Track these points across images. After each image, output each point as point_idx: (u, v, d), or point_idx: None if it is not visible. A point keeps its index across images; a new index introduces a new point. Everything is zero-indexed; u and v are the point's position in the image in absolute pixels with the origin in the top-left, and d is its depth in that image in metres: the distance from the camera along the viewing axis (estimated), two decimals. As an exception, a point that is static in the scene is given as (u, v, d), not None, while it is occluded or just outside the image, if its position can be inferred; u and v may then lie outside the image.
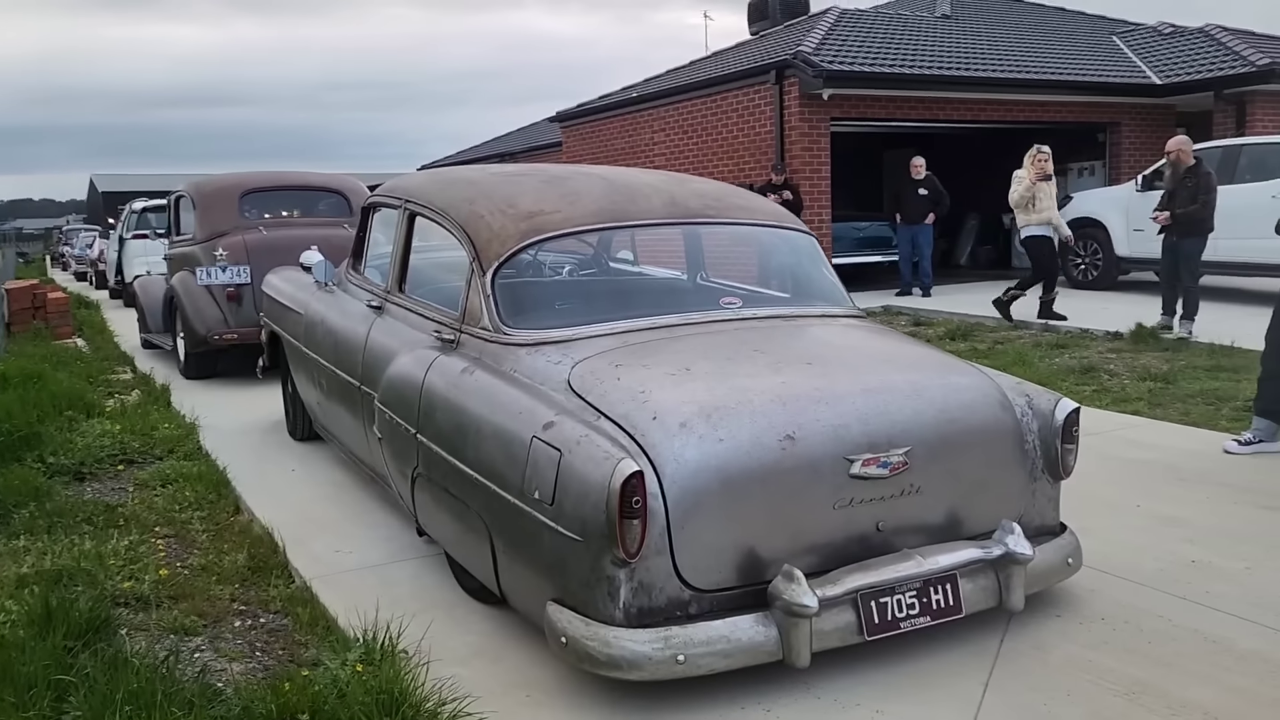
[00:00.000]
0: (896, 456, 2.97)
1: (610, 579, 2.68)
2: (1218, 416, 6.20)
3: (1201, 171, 8.89)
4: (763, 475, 2.81)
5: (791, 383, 3.03)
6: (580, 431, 2.80)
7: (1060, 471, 3.39)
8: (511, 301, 3.55)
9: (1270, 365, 5.22)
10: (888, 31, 14.96)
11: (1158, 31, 17.18)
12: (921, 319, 11.00)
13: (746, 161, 13.40)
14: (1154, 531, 4.09)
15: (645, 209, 3.84)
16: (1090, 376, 7.55)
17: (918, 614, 2.93)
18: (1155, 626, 3.19)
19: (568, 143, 17.72)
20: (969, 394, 3.26)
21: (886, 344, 3.57)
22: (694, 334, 3.42)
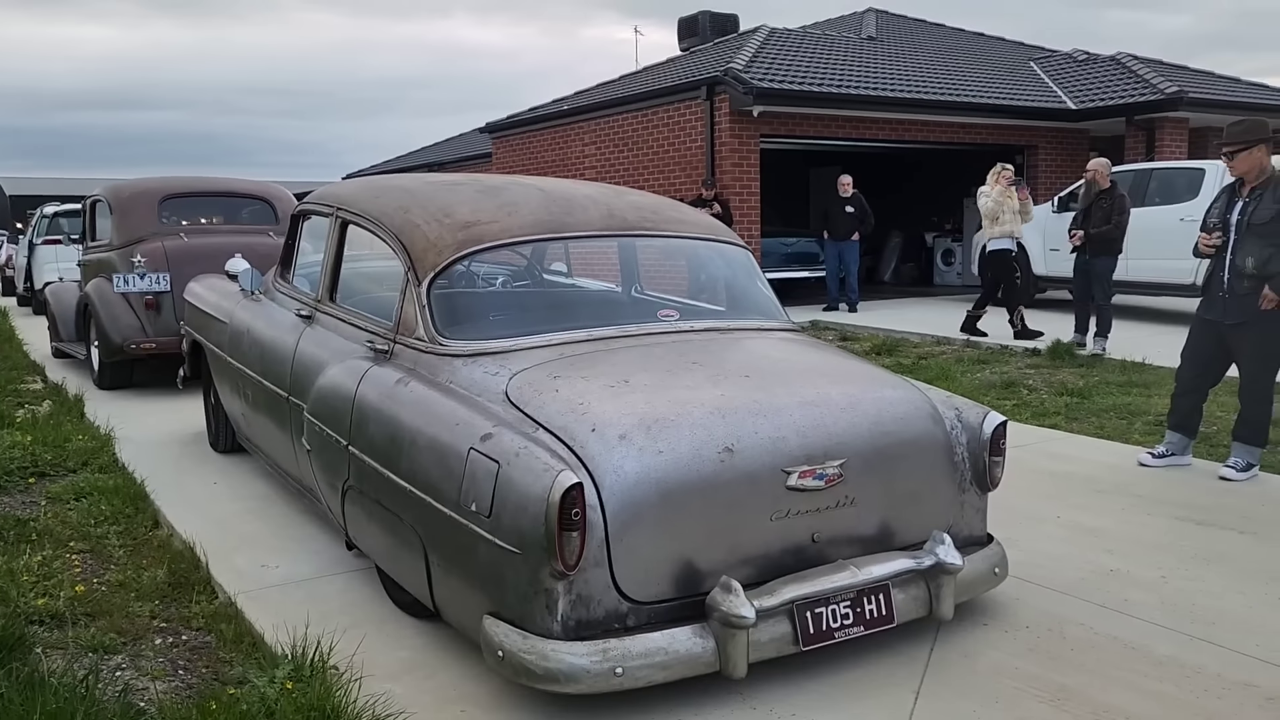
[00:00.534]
0: (832, 468, 3.01)
1: (548, 591, 2.67)
2: (1131, 430, 6.43)
3: (1116, 194, 9.24)
4: (701, 487, 2.82)
5: (730, 395, 3.05)
6: (519, 443, 2.78)
7: (988, 483, 3.47)
8: (448, 312, 3.51)
9: (1184, 382, 5.43)
10: (815, 51, 15.23)
11: (1073, 58, 17.81)
12: (848, 334, 11.19)
13: (677, 176, 13.50)
14: (1074, 542, 4.21)
15: (583, 221, 3.84)
16: (1011, 391, 7.77)
17: (852, 624, 2.97)
18: (1077, 634, 3.29)
19: (498, 154, 17.63)
20: (902, 407, 3.32)
21: (821, 357, 3.62)
22: (632, 346, 3.42)
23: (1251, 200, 5.07)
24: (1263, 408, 5.21)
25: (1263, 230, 5.01)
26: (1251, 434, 5.22)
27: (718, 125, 12.69)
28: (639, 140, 14.16)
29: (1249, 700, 2.86)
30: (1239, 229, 5.09)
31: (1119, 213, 9.12)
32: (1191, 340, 5.38)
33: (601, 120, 14.82)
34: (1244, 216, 5.08)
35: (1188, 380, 5.39)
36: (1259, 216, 5.03)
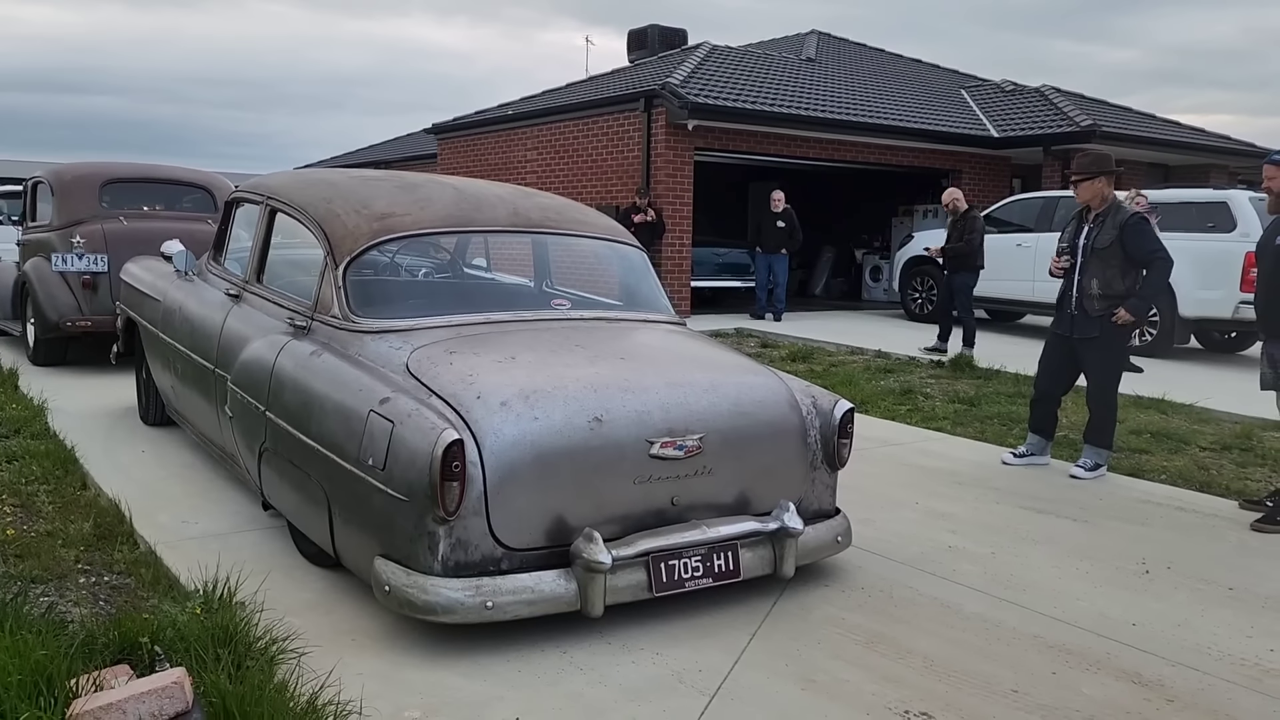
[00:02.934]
0: (691, 441, 3.45)
1: (431, 534, 3.07)
2: (1008, 435, 6.99)
3: (970, 216, 10.47)
4: (572, 451, 3.25)
5: (604, 373, 3.48)
6: (412, 406, 3.18)
7: (836, 462, 3.94)
8: (360, 293, 3.90)
9: (1040, 390, 5.99)
10: (754, 70, 15.80)
11: (1000, 88, 18.63)
12: (770, 341, 11.71)
13: (614, 184, 13.94)
14: (924, 523, 4.71)
15: (490, 218, 4.25)
16: (908, 397, 8.31)
17: (701, 576, 3.41)
18: (903, 595, 3.77)
19: (443, 155, 17.93)
20: (761, 392, 3.78)
21: (695, 347, 4.07)
22: (524, 330, 3.84)
23: (1095, 226, 5.65)
24: (1108, 413, 5.78)
25: (1104, 254, 5.58)
26: (1099, 437, 5.78)
27: (654, 137, 13.16)
28: (579, 148, 14.59)
29: (1033, 648, 3.35)
30: (1084, 253, 5.66)
31: (970, 232, 10.33)
32: (1046, 352, 5.95)
33: (544, 127, 15.23)
34: (1088, 241, 5.65)
35: (1043, 388, 5.95)
36: (1101, 241, 5.60)
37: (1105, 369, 5.73)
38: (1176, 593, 3.91)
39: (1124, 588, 3.95)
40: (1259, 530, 4.77)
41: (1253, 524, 4.84)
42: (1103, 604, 3.76)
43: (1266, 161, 4.97)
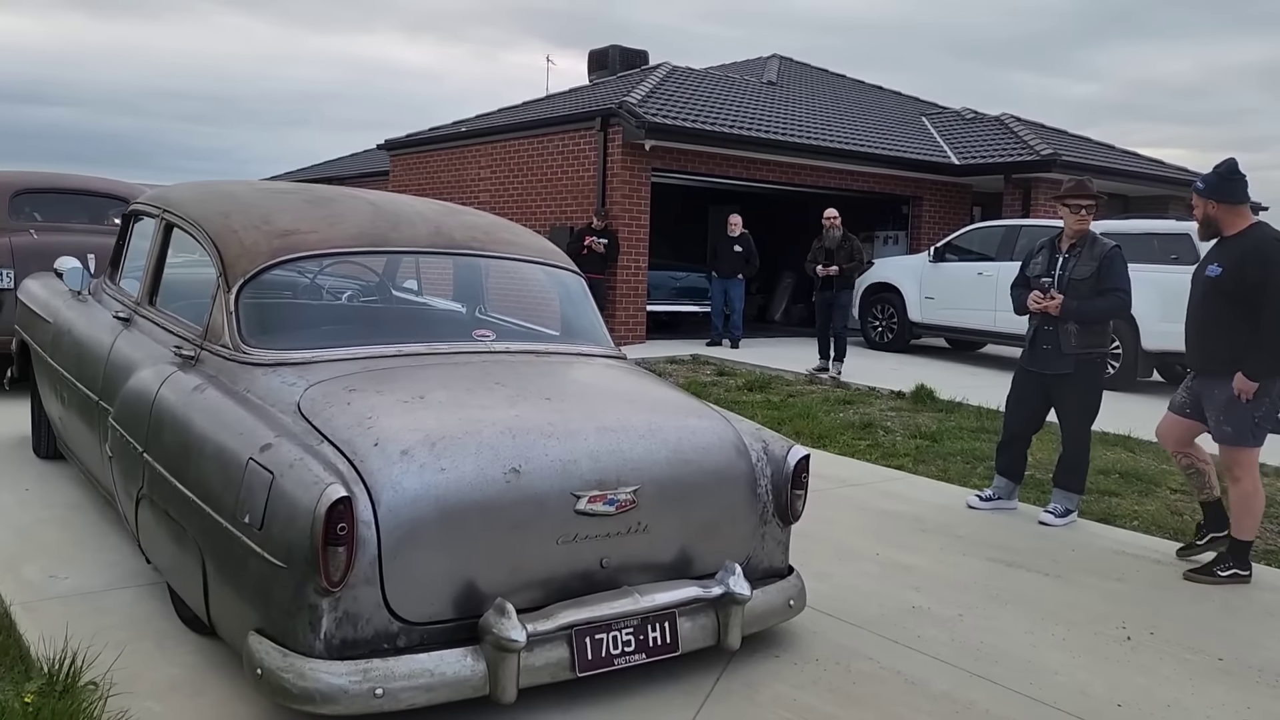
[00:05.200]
0: (624, 494, 3.02)
1: (312, 608, 2.60)
2: (972, 474, 6.64)
3: (851, 236, 11.04)
4: (484, 507, 2.81)
5: (525, 416, 3.05)
6: (295, 455, 2.72)
7: (789, 516, 3.53)
8: (256, 320, 3.44)
9: (1010, 429, 5.64)
10: (714, 91, 15.52)
11: (961, 116, 18.54)
12: (726, 369, 11.34)
13: (569, 204, 13.55)
14: (886, 578, 4.31)
15: (408, 237, 3.81)
16: (867, 431, 7.95)
17: (633, 651, 2.97)
18: (863, 668, 3.35)
19: (395, 172, 17.43)
20: (705, 437, 3.36)
21: (633, 384, 3.65)
22: (440, 364, 3.40)
23: (1072, 257, 5.32)
24: (1083, 455, 5.44)
25: (1081, 287, 5.25)
26: (1071, 480, 5.44)
27: (610, 156, 12.79)
28: (533, 166, 14.18)
29: (1009, 735, 2.95)
30: (1061, 285, 5.32)
31: (859, 251, 11.02)
32: (1016, 390, 5.59)
33: (498, 144, 14.81)
34: (1065, 272, 5.32)
35: (1015, 428, 5.60)
36: (1079, 273, 5.27)
37: (1082, 408, 5.39)
38: (1163, 664, 3.54)
39: (1105, 658, 3.57)
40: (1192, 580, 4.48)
41: (1186, 573, 4.54)
42: (1083, 678, 3.38)
43: (1193, 189, 4.69)
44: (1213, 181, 4.61)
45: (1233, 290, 4.45)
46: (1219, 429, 4.56)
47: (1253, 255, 4.42)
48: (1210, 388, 4.59)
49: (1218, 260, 4.57)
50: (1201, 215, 4.63)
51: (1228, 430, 4.52)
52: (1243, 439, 4.50)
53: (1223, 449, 4.60)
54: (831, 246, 10.85)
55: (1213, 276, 4.55)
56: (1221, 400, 4.51)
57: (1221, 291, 4.50)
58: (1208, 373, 4.61)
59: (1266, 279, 4.35)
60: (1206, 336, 4.60)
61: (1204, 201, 4.61)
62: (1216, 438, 4.60)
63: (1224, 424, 4.53)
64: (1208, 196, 4.59)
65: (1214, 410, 4.57)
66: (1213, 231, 4.62)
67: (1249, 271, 4.40)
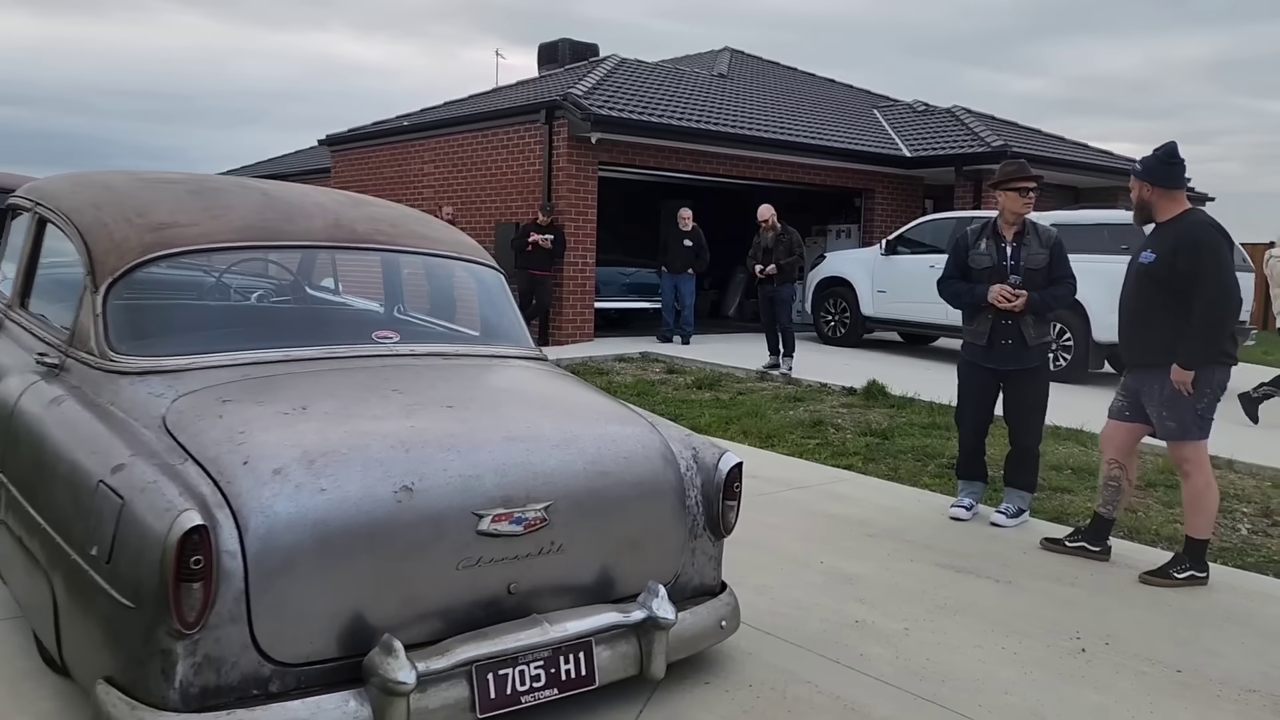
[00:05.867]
0: (534, 512, 2.73)
1: (165, 654, 2.28)
2: (923, 472, 6.43)
3: (790, 230, 10.89)
4: (371, 531, 2.50)
5: (422, 427, 2.74)
6: (150, 477, 2.39)
7: (722, 529, 3.26)
8: (126, 324, 3.09)
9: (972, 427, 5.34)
10: (664, 84, 15.24)
11: (912, 108, 18.43)
12: (676, 366, 11.08)
13: (514, 199, 13.20)
14: (829, 589, 4.06)
15: (303, 230, 3.48)
16: (817, 430, 7.73)
17: (544, 686, 2.68)
18: (800, 693, 3.09)
19: (337, 168, 16.94)
20: (627, 445, 3.07)
21: (550, 389, 3.35)
22: (333, 369, 3.08)
23: (1021, 245, 5.10)
24: (1037, 451, 5.23)
25: (1037, 276, 5.04)
26: (1025, 478, 5.23)
27: (556, 150, 12.46)
28: (478, 161, 13.81)
29: (956, 767, 2.70)
30: (1016, 274, 5.09)
31: (797, 246, 10.81)
32: (971, 389, 5.32)
33: (442, 139, 14.41)
34: (1019, 261, 5.09)
35: (975, 426, 5.35)
36: (1034, 261, 5.05)
37: (1037, 402, 5.18)
38: (1119, 679, 3.32)
39: (1058, 673, 3.34)
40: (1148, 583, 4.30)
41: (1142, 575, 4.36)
42: (1035, 697, 3.14)
43: (1131, 171, 4.51)
44: (1151, 164, 4.42)
45: (1166, 278, 4.27)
46: (1162, 425, 4.36)
47: (1185, 241, 4.24)
48: (1149, 382, 4.40)
49: (1151, 247, 4.39)
50: (1136, 198, 4.45)
51: (1171, 425, 4.33)
52: (1187, 432, 4.31)
53: (1171, 446, 4.40)
54: (768, 244, 10.71)
55: (1146, 264, 4.37)
56: (1162, 395, 4.32)
57: (1155, 279, 4.32)
58: (1144, 365, 4.42)
59: (1198, 265, 4.18)
60: (1142, 327, 4.41)
61: (1140, 184, 4.43)
62: (1160, 434, 4.41)
63: (1167, 419, 4.33)
64: (1144, 179, 4.41)
65: (1155, 405, 4.37)
66: (1146, 216, 4.44)
67: (1181, 258, 4.22)
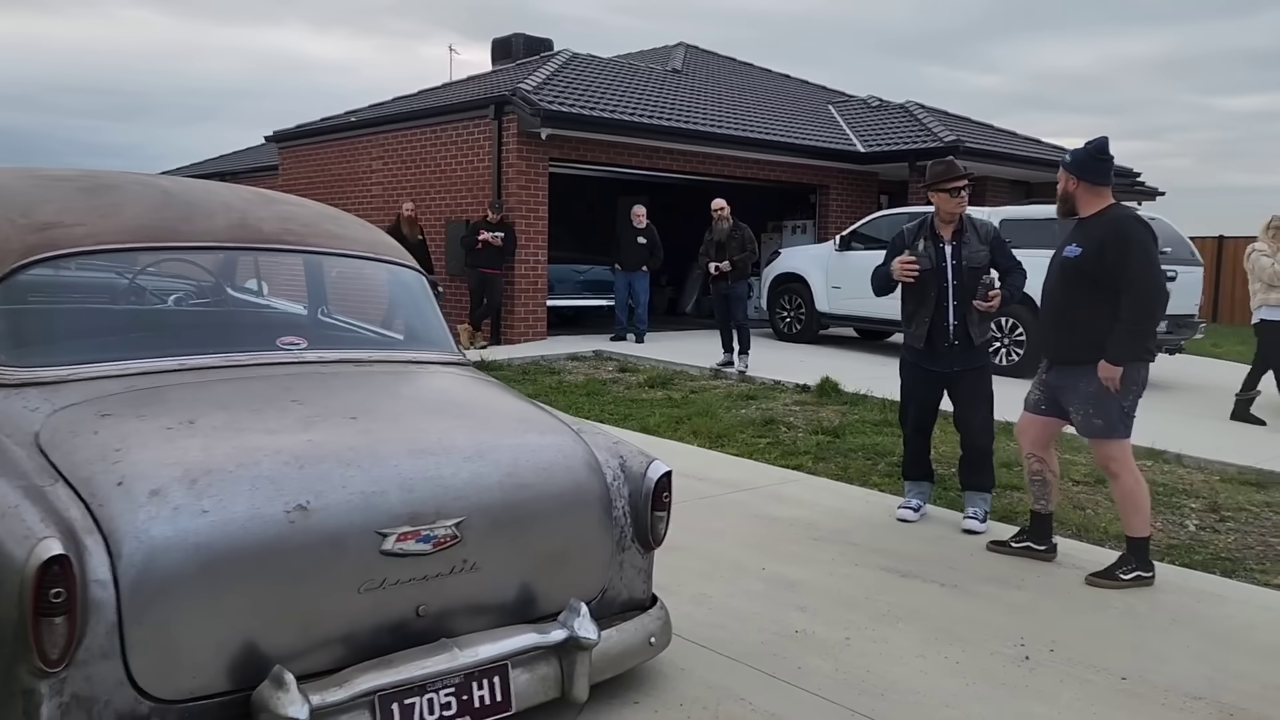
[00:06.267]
0: (444, 529, 2.57)
1: (28, 695, 2.08)
2: (873, 471, 6.33)
3: (743, 226, 10.70)
4: (261, 555, 2.31)
5: (321, 441, 2.56)
6: (11, 501, 2.19)
7: (651, 540, 3.11)
8: (6, 331, 2.88)
9: (918, 425, 5.24)
10: (616, 79, 15.07)
11: (866, 104, 18.42)
12: (629, 365, 10.92)
13: (464, 196, 12.97)
14: (770, 598, 3.92)
15: (202, 230, 3.27)
16: (769, 429, 7.61)
17: (455, 714, 2.51)
18: (733, 712, 2.95)
19: (284, 165, 16.58)
20: (548, 455, 2.91)
21: (469, 397, 3.18)
22: (230, 379, 2.88)
23: (960, 244, 4.99)
24: (990, 449, 5.13)
25: (979, 274, 4.94)
26: (984, 479, 5.12)
27: (506, 146, 12.25)
28: (427, 157, 13.56)
29: (891, 790, 2.57)
30: (958, 274, 4.98)
31: (750, 241, 10.63)
32: (915, 388, 5.22)
33: (390, 135, 14.14)
34: (959, 261, 4.98)
35: (921, 424, 5.24)
36: (975, 259, 4.95)
37: (986, 400, 5.08)
38: (1063, 688, 3.21)
39: (1001, 683, 3.23)
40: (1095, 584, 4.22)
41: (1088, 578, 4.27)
42: (978, 711, 3.03)
43: (1060, 161, 4.43)
44: (1080, 158, 4.34)
45: (1093, 272, 4.20)
46: (1087, 423, 4.28)
47: (1112, 235, 4.17)
48: (1072, 380, 4.31)
49: (1076, 241, 4.31)
50: (1062, 190, 4.38)
51: (1098, 424, 4.24)
52: (1114, 430, 4.23)
53: (1095, 444, 4.32)
54: (721, 239, 10.55)
55: (1073, 258, 4.29)
56: (1087, 392, 4.24)
57: (1082, 273, 4.24)
58: (1068, 363, 4.33)
59: (1128, 260, 4.11)
60: (1066, 323, 4.33)
61: (1067, 176, 4.35)
62: (1084, 432, 4.32)
63: (1093, 417, 4.25)
64: (1072, 171, 4.33)
65: (1079, 403, 4.29)
66: (1069, 209, 4.37)
67: (1109, 252, 4.15)
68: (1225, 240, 21.20)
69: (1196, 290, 10.82)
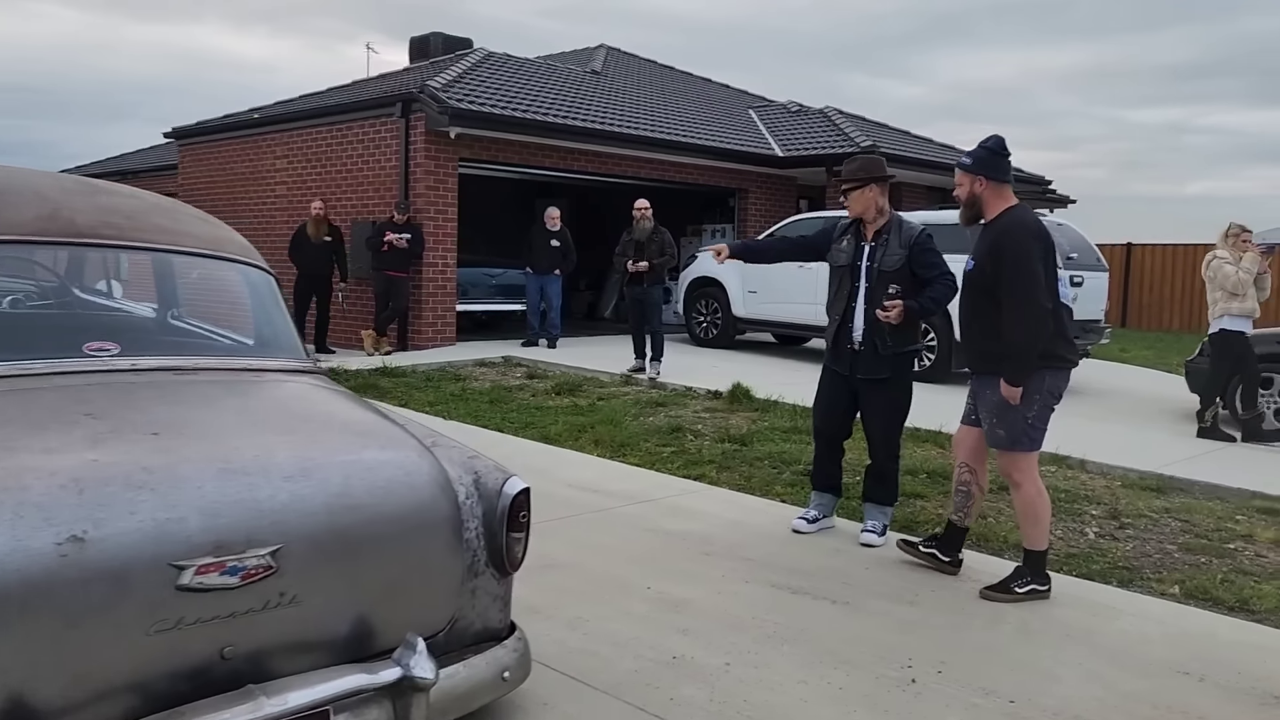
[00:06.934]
0: (256, 559, 2.27)
1: None
2: (777, 480, 6.16)
3: (662, 229, 10.42)
4: (24, 593, 1.99)
5: (107, 461, 2.24)
6: None
7: (508, 565, 2.85)
8: None
9: (827, 434, 5.05)
10: (532, 79, 14.77)
11: (786, 109, 18.42)
12: (538, 371, 10.64)
13: (371, 197, 12.54)
14: (652, 620, 3.69)
15: (11, 222, 2.92)
16: (674, 437, 7.40)
17: (263, 770, 2.22)
18: (591, 752, 2.70)
19: (184, 164, 15.91)
20: (387, 472, 2.63)
21: (303, 408, 2.88)
22: (17, 390, 2.55)
23: (878, 245, 4.82)
24: (896, 464, 4.96)
25: (894, 277, 4.76)
26: (887, 493, 4.95)
27: (413, 145, 11.86)
28: (333, 156, 13.09)
29: (755, 839, 2.35)
30: (869, 276, 4.81)
31: (669, 245, 10.40)
32: (825, 393, 5.04)
33: (295, 133, 13.64)
34: (873, 263, 4.81)
35: (830, 432, 5.05)
36: (888, 263, 4.77)
37: (895, 412, 4.89)
38: (949, 713, 3.03)
39: (885, 710, 3.04)
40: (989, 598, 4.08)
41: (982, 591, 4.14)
42: (856, 743, 2.83)
43: (957, 165, 4.28)
44: (983, 156, 4.18)
45: (986, 285, 4.08)
46: (992, 432, 4.15)
47: (994, 247, 4.04)
48: (982, 388, 4.21)
49: (974, 252, 4.19)
50: (967, 194, 4.20)
51: (1000, 434, 4.12)
52: (1017, 442, 4.10)
53: (1000, 455, 4.19)
54: (641, 239, 10.26)
55: (968, 271, 4.17)
56: (992, 402, 4.12)
57: (977, 286, 4.14)
58: (978, 371, 4.23)
59: (1001, 273, 3.99)
60: (971, 334, 4.25)
61: (971, 178, 4.18)
62: (990, 442, 4.20)
63: (996, 427, 4.13)
64: (977, 172, 4.16)
65: (986, 412, 4.17)
66: (975, 213, 4.20)
67: (989, 266, 4.04)
68: (1134, 247, 21.70)
69: (1102, 295, 10.93)
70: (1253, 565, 4.81)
